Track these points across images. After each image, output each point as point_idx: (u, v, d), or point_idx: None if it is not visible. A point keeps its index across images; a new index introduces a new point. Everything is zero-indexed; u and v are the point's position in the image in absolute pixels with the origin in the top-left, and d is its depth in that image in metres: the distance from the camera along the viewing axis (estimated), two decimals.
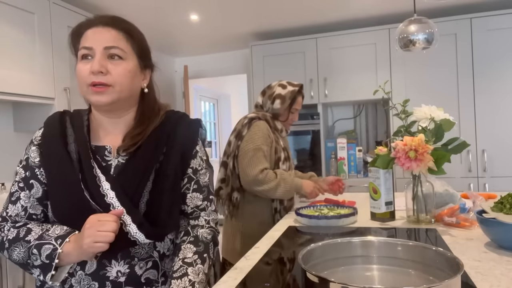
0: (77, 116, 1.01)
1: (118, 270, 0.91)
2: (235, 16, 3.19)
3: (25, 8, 2.22)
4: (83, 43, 0.94)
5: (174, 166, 0.98)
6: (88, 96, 0.93)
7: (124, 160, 0.97)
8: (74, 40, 0.98)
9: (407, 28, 1.92)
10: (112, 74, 0.92)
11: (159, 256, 0.96)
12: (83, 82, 0.92)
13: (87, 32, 0.94)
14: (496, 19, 3.00)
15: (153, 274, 0.94)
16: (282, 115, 1.90)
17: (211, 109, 6.21)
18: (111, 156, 0.97)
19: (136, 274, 0.92)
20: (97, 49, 0.92)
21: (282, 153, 1.86)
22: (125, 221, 0.88)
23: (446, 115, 1.44)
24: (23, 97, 2.21)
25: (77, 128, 0.98)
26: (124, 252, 0.91)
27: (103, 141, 0.99)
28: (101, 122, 1.01)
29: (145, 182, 0.94)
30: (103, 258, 0.91)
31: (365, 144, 3.76)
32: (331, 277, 0.70)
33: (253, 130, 1.79)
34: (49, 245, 0.85)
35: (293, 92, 1.89)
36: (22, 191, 0.94)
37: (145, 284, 0.92)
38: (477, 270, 0.96)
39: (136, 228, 0.88)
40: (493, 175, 3.04)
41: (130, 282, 0.91)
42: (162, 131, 1.00)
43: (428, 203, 1.45)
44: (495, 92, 3.02)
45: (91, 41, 0.92)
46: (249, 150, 1.75)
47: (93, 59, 0.92)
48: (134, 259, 0.92)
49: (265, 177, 1.70)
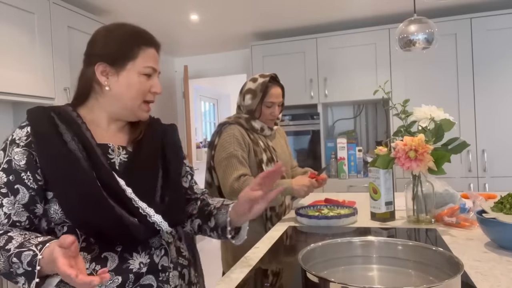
0: (64, 113, 0.97)
1: (141, 262, 0.94)
2: (235, 16, 3.19)
3: (25, 8, 2.22)
4: (149, 62, 0.99)
5: (174, 165, 1.06)
6: (139, 111, 1.01)
7: (126, 159, 0.99)
8: (135, 46, 0.98)
9: (407, 28, 1.92)
10: None
11: (166, 243, 1.01)
12: (141, 96, 0.99)
13: (149, 51, 1.00)
14: (496, 19, 3.00)
15: (165, 260, 0.99)
16: (256, 110, 1.76)
17: (211, 109, 6.20)
18: (113, 154, 0.99)
19: (155, 262, 0.96)
20: (156, 72, 1.02)
21: (264, 154, 1.73)
22: (148, 213, 0.93)
23: (446, 115, 1.44)
24: (23, 97, 2.21)
25: (71, 125, 0.95)
26: (143, 244, 0.95)
27: (102, 139, 0.99)
28: (98, 121, 1.01)
29: (157, 178, 1.00)
30: (124, 253, 0.92)
31: (365, 144, 3.76)
32: (331, 277, 0.70)
33: (224, 137, 1.70)
34: (29, 252, 0.79)
35: (264, 83, 1.74)
36: (5, 197, 0.87)
37: (161, 271, 0.97)
38: (477, 270, 0.96)
39: (161, 217, 0.94)
40: (493, 175, 3.04)
41: (150, 271, 0.95)
42: (155, 134, 1.07)
43: (428, 203, 1.45)
44: (495, 92, 3.02)
45: (156, 63, 1.01)
46: (222, 159, 1.66)
47: (152, 79, 1.00)
48: (152, 249, 0.96)
49: (241, 185, 1.57)
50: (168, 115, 4.31)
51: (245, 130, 1.74)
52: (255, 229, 1.68)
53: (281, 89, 1.81)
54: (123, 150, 1.01)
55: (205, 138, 5.57)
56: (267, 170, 0.97)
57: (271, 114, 1.78)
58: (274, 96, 1.77)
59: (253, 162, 1.71)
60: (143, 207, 0.93)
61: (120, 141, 1.03)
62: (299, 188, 1.63)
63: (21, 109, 2.47)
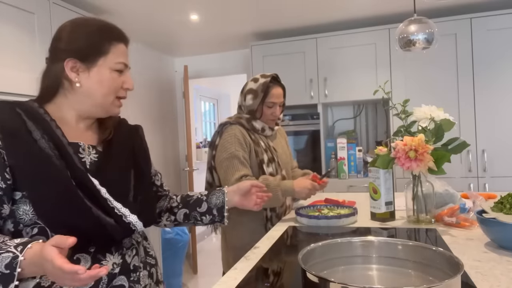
0: (31, 110, 0.92)
1: (114, 262, 0.93)
2: (235, 16, 3.19)
3: (25, 8, 2.21)
4: (120, 57, 0.98)
5: (144, 165, 1.08)
6: (112, 107, 0.99)
7: (96, 158, 0.97)
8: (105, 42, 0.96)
9: (407, 28, 1.92)
10: None
11: (136, 243, 1.02)
12: (113, 92, 0.97)
13: (120, 47, 0.99)
14: (496, 19, 3.00)
15: (136, 260, 0.99)
16: (257, 111, 1.76)
17: (211, 109, 6.20)
18: (84, 153, 0.96)
19: (127, 262, 0.96)
20: (128, 68, 1.01)
21: (265, 154, 1.72)
22: (124, 213, 0.92)
23: (446, 115, 1.44)
24: (23, 97, 2.20)
25: (40, 123, 0.90)
26: (117, 245, 0.95)
27: (72, 137, 0.95)
28: (66, 119, 0.97)
29: (129, 178, 0.99)
30: (97, 254, 0.91)
31: (365, 144, 3.76)
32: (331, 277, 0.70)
33: (225, 137, 1.69)
34: (7, 254, 0.74)
35: (265, 84, 1.73)
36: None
37: (132, 271, 0.97)
38: (477, 270, 0.96)
39: (136, 217, 0.94)
40: (493, 175, 3.04)
41: (123, 271, 0.94)
42: (123, 134, 1.07)
43: (428, 203, 1.45)
44: (495, 92, 3.02)
45: (126, 58, 1.00)
46: (223, 160, 1.65)
47: (123, 75, 0.99)
48: (124, 249, 0.96)
49: None
50: (168, 115, 4.31)
51: (246, 130, 1.74)
52: (255, 230, 1.68)
53: (282, 90, 1.81)
54: (93, 149, 0.98)
55: (205, 138, 5.57)
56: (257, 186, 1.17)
57: (272, 114, 1.78)
58: (275, 96, 1.77)
59: (254, 162, 1.70)
60: (118, 207, 0.91)
61: (90, 140, 1.00)
62: (301, 190, 1.62)
63: None
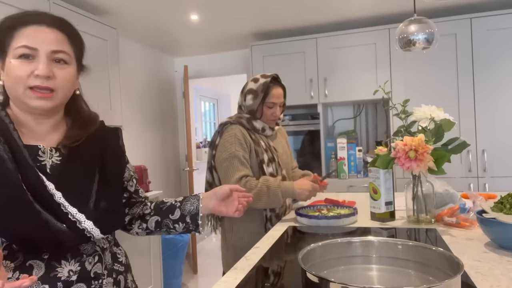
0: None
1: (70, 269, 0.90)
2: (235, 16, 3.19)
3: (25, 8, 2.20)
4: (22, 41, 0.88)
5: (114, 170, 1.03)
6: (26, 99, 0.88)
7: (58, 161, 0.93)
8: (4, 33, 0.90)
9: (407, 28, 1.92)
10: (57, 79, 0.90)
11: (101, 249, 0.98)
12: (21, 83, 0.87)
13: (26, 29, 0.89)
14: (496, 19, 3.00)
15: (99, 267, 0.96)
16: (258, 111, 1.76)
17: (211, 109, 6.21)
18: (44, 156, 0.92)
19: (87, 270, 0.92)
20: (42, 51, 0.88)
21: (265, 154, 1.72)
22: (79, 219, 0.88)
23: (446, 115, 1.44)
24: None
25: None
26: (73, 251, 0.91)
27: (30, 140, 0.93)
28: (24, 121, 0.94)
29: (92, 183, 0.95)
30: (51, 260, 0.88)
31: (365, 144, 3.76)
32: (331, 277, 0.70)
33: (225, 137, 1.69)
34: None
35: (265, 84, 1.73)
36: None
37: (93, 279, 0.93)
38: (477, 270, 0.96)
39: (92, 224, 0.89)
40: (493, 175, 3.04)
41: (81, 279, 0.91)
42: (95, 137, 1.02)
43: (428, 203, 1.45)
44: (495, 92, 3.02)
45: (35, 41, 0.88)
46: (223, 160, 1.65)
47: (35, 61, 0.88)
48: (83, 256, 0.93)
49: (242, 187, 1.52)
50: (168, 115, 4.31)
51: (246, 130, 1.73)
52: (255, 230, 1.69)
53: (282, 90, 1.81)
54: (56, 152, 0.94)
55: (205, 138, 5.57)
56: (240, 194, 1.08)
57: (273, 114, 1.78)
58: (276, 96, 1.77)
59: (254, 162, 1.70)
60: (72, 212, 0.88)
61: (53, 142, 0.96)
62: (301, 191, 1.62)
63: None
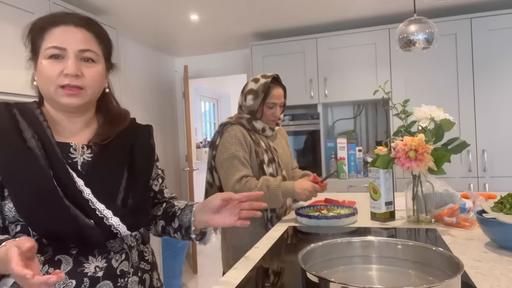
0: (27, 110, 0.94)
1: (96, 266, 0.91)
2: (235, 16, 3.19)
3: (25, 8, 2.21)
4: (52, 41, 0.90)
5: (142, 167, 1.03)
6: (57, 97, 0.91)
7: (90, 158, 0.96)
8: (36, 35, 0.93)
9: (407, 28, 1.92)
10: (86, 77, 0.92)
11: (128, 247, 0.98)
12: (52, 82, 0.90)
13: (54, 30, 0.92)
14: (496, 19, 3.00)
15: (125, 265, 0.96)
16: (258, 111, 1.76)
17: (211, 109, 6.21)
18: (76, 153, 0.95)
19: (113, 267, 0.93)
20: (70, 51, 0.91)
21: (265, 155, 1.72)
22: (106, 215, 0.89)
23: (446, 115, 1.44)
24: (23, 97, 2.21)
25: (33, 122, 0.92)
26: (100, 248, 0.92)
27: (62, 137, 0.96)
28: (58, 119, 0.97)
29: (120, 180, 0.96)
30: (79, 256, 0.90)
31: (365, 144, 3.76)
32: (331, 277, 0.70)
33: (225, 137, 1.69)
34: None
35: (266, 84, 1.73)
36: None
37: (119, 276, 0.94)
38: (477, 270, 0.96)
39: (118, 220, 0.90)
40: (493, 175, 3.04)
41: (107, 276, 0.92)
42: (126, 135, 1.03)
43: (428, 203, 1.45)
44: (495, 92, 3.02)
45: (63, 41, 0.91)
46: (224, 160, 1.65)
47: (64, 60, 0.90)
48: (110, 253, 0.94)
49: (243, 187, 1.58)
50: (168, 115, 4.31)
51: (246, 130, 1.73)
52: (256, 230, 1.68)
53: (283, 90, 1.81)
54: (87, 149, 0.97)
55: (205, 138, 5.57)
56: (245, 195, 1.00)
57: (273, 115, 1.78)
58: (276, 97, 1.76)
59: (255, 162, 1.70)
60: (100, 208, 0.89)
61: (85, 139, 0.99)
62: (301, 191, 1.62)
63: None
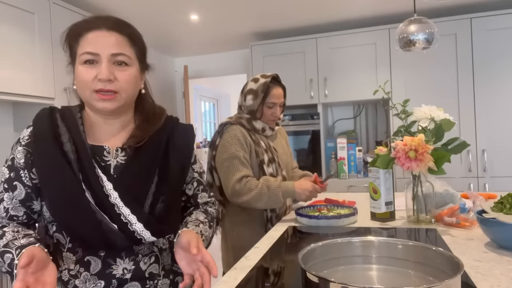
0: (69, 114, 0.97)
1: (124, 268, 0.93)
2: (235, 16, 3.19)
3: (25, 8, 2.22)
4: (86, 47, 0.91)
5: (175, 171, 1.00)
6: (93, 102, 0.92)
7: (123, 161, 0.96)
8: (72, 41, 0.94)
9: (407, 28, 1.92)
10: (119, 81, 0.92)
11: (159, 250, 0.99)
12: (87, 87, 0.91)
13: (88, 35, 0.92)
14: (496, 19, 3.00)
15: (155, 268, 0.98)
16: (258, 111, 1.75)
17: (211, 109, 6.21)
18: (109, 156, 0.96)
19: (141, 269, 0.95)
20: (103, 56, 0.90)
21: (265, 155, 1.71)
22: (130, 220, 0.89)
23: (446, 115, 1.44)
24: (23, 97, 2.21)
25: (71, 126, 0.94)
26: (128, 250, 0.93)
27: (99, 140, 0.97)
28: (96, 122, 0.99)
29: (150, 184, 0.95)
30: (107, 258, 0.92)
31: (365, 144, 3.76)
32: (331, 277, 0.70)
33: (225, 137, 1.68)
34: (9, 254, 0.82)
35: (265, 84, 1.72)
36: (6, 192, 0.91)
37: (148, 278, 0.95)
38: (477, 270, 0.96)
39: (142, 226, 0.90)
40: (493, 175, 3.04)
41: (135, 278, 0.94)
42: (161, 136, 1.01)
43: (428, 203, 1.45)
44: (495, 92, 3.02)
45: (96, 46, 0.90)
46: (224, 160, 1.65)
47: (98, 65, 0.90)
48: (138, 256, 0.95)
49: (243, 187, 1.58)
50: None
51: (246, 130, 1.73)
52: (256, 230, 1.68)
53: (282, 90, 1.80)
54: (122, 151, 0.97)
55: (205, 138, 5.56)
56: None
57: (273, 114, 1.77)
58: (276, 96, 1.76)
59: (254, 162, 1.70)
60: (125, 213, 0.89)
61: (120, 142, 0.98)
62: (301, 192, 1.61)
63: (21, 109, 2.47)
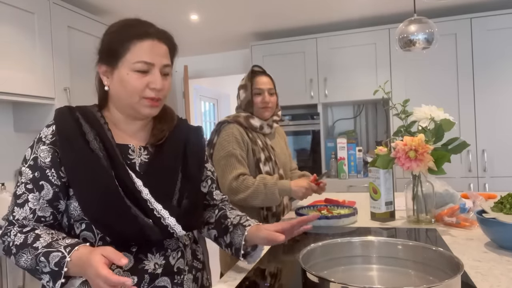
0: (89, 113, 0.98)
1: (156, 263, 0.95)
2: (235, 16, 3.19)
3: (25, 8, 2.21)
4: (142, 56, 0.93)
5: (194, 168, 1.05)
6: (139, 107, 0.96)
7: (146, 159, 1.00)
8: (119, 45, 0.95)
9: (407, 28, 1.92)
10: (164, 89, 0.98)
11: (183, 246, 1.02)
12: (136, 93, 0.94)
13: (143, 44, 0.94)
14: (496, 19, 3.00)
15: (181, 263, 1.00)
16: (250, 102, 1.78)
17: (211, 109, 6.20)
18: (134, 154, 0.99)
19: (171, 264, 0.97)
20: (157, 66, 0.96)
21: (262, 153, 1.73)
22: (163, 215, 0.93)
23: (446, 115, 1.44)
24: (23, 97, 2.21)
25: (95, 125, 0.96)
26: (158, 246, 0.96)
27: (123, 139, 1.00)
28: (118, 122, 1.01)
29: (176, 181, 0.99)
30: (139, 253, 0.94)
31: (365, 144, 3.76)
32: (331, 277, 0.70)
33: (222, 136, 1.70)
34: (57, 253, 0.83)
35: (249, 74, 1.81)
36: (31, 193, 0.91)
37: (176, 273, 0.98)
38: (477, 270, 0.96)
39: (174, 220, 0.93)
40: (493, 175, 3.04)
41: (165, 273, 0.96)
42: (179, 136, 1.07)
43: (428, 203, 1.45)
44: (495, 92, 3.02)
45: (152, 57, 0.95)
46: (221, 158, 1.66)
47: (149, 74, 0.95)
48: (168, 251, 0.98)
49: (240, 185, 1.59)
50: None
51: (244, 128, 1.74)
52: None
53: (267, 77, 1.82)
54: (144, 150, 1.01)
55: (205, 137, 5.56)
56: (300, 219, 0.98)
57: (262, 101, 1.77)
58: (260, 83, 1.78)
59: (251, 161, 1.71)
60: (158, 208, 0.93)
61: (142, 141, 1.03)
62: (298, 189, 1.62)
63: (21, 109, 2.47)
